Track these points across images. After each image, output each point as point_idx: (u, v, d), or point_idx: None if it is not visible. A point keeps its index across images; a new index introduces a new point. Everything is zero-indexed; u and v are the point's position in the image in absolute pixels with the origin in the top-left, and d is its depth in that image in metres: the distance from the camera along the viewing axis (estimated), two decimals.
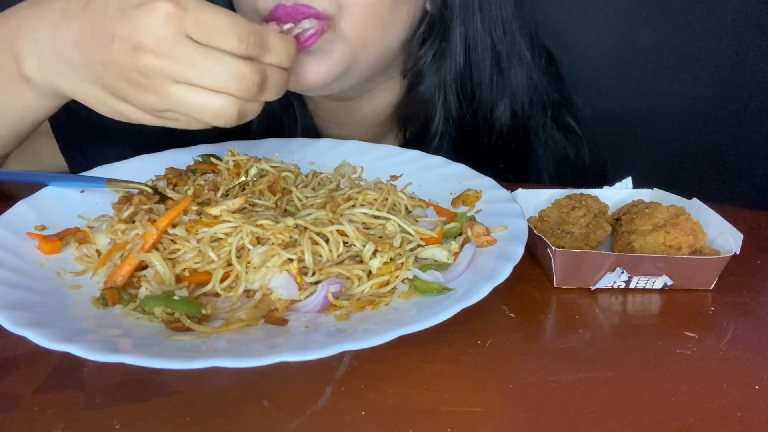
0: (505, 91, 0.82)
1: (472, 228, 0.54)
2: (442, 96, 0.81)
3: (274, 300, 0.48)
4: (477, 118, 0.82)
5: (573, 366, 0.46)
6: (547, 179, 0.87)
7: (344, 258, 0.53)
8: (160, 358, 0.38)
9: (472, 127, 0.82)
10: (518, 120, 0.83)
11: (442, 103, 0.81)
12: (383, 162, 0.71)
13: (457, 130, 0.82)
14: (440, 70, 0.80)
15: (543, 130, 0.86)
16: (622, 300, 0.54)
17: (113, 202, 0.62)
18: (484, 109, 0.82)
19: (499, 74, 0.81)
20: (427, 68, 0.80)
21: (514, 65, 0.82)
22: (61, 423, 0.40)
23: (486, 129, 0.82)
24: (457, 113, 0.82)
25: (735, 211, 0.58)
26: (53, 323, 0.43)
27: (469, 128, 0.82)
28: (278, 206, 0.59)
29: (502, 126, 0.82)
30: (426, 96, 0.81)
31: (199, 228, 0.53)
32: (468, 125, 0.82)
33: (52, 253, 0.54)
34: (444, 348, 0.47)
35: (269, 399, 0.42)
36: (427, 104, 0.81)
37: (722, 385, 0.44)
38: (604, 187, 0.65)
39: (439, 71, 0.80)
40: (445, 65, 0.79)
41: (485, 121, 0.82)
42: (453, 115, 0.82)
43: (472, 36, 0.79)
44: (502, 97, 0.82)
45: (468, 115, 0.82)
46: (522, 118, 0.83)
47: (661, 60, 1.22)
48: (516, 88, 0.82)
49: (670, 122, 1.25)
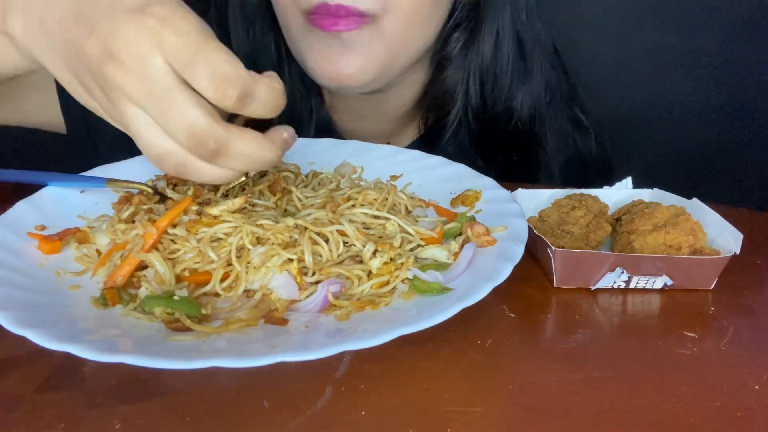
0: (525, 79, 0.82)
1: (472, 228, 0.54)
2: (464, 83, 0.81)
3: (274, 300, 0.48)
4: (496, 106, 0.82)
5: (573, 366, 0.46)
6: (557, 171, 0.87)
7: (344, 258, 0.53)
8: (160, 358, 0.38)
9: (490, 115, 0.82)
10: (534, 108, 0.83)
11: (464, 90, 0.81)
12: (383, 162, 0.71)
13: (475, 118, 0.82)
14: (467, 57, 0.80)
15: (556, 121, 0.86)
16: (622, 300, 0.54)
17: (113, 202, 0.61)
18: (504, 97, 0.82)
19: (522, 61, 0.81)
20: (455, 56, 0.80)
21: (536, 53, 0.82)
22: (61, 423, 0.40)
23: (504, 117, 0.83)
24: (478, 101, 0.82)
25: (735, 211, 0.58)
26: (53, 323, 0.43)
27: (487, 116, 0.82)
28: (278, 206, 0.59)
29: (520, 115, 0.83)
30: (450, 83, 0.81)
31: (199, 228, 0.53)
32: (486, 113, 0.82)
33: (52, 253, 0.54)
34: (444, 348, 0.47)
35: (269, 399, 0.42)
36: (449, 92, 0.82)
37: (722, 385, 0.44)
38: (604, 187, 0.65)
39: (467, 57, 0.80)
40: (473, 52, 0.79)
41: (504, 109, 0.82)
42: (473, 104, 0.82)
43: (501, 24, 0.79)
44: (522, 85, 0.82)
45: (488, 103, 0.82)
46: (538, 107, 0.84)
47: (661, 60, 1.22)
48: (536, 75, 0.82)
49: (670, 122, 1.24)
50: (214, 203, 0.56)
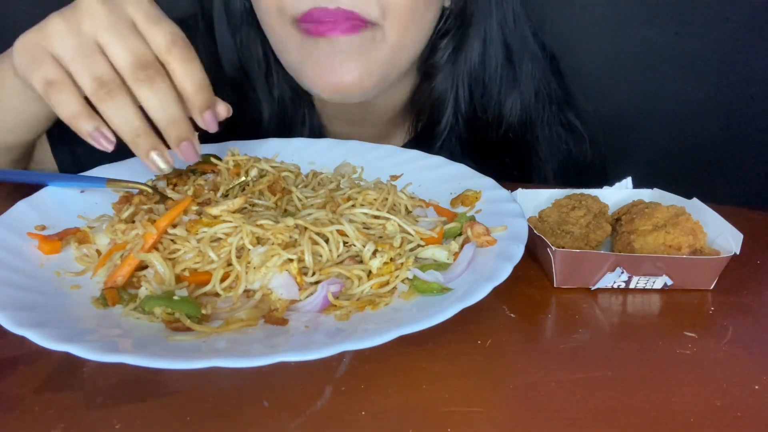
0: (514, 85, 0.82)
1: (472, 228, 0.54)
2: (454, 90, 0.81)
3: (274, 300, 0.48)
4: (486, 112, 0.82)
5: (573, 366, 0.46)
6: (551, 175, 0.87)
7: (344, 258, 0.53)
8: (160, 358, 0.38)
9: (480, 122, 0.82)
10: (525, 114, 0.83)
11: (453, 97, 0.81)
12: (383, 162, 0.71)
13: (465, 124, 0.82)
14: (455, 64, 0.80)
15: (548, 125, 0.86)
16: (622, 300, 0.54)
17: (113, 202, 0.62)
18: (493, 103, 0.82)
19: (510, 68, 0.81)
20: (443, 64, 0.80)
21: (525, 59, 0.82)
22: (61, 423, 0.40)
23: (494, 123, 0.82)
24: (467, 107, 0.82)
25: (735, 211, 0.58)
26: (53, 323, 0.43)
27: (478, 122, 0.82)
28: (278, 206, 0.59)
29: (510, 121, 0.82)
30: (439, 90, 0.81)
31: (199, 228, 0.53)
32: (477, 119, 0.82)
33: (52, 253, 0.54)
34: (444, 348, 0.47)
35: (269, 399, 0.42)
36: (439, 99, 0.81)
37: (722, 385, 0.44)
38: (604, 187, 0.65)
39: (455, 65, 0.80)
40: (461, 59, 0.79)
41: (494, 116, 0.82)
42: (463, 110, 0.82)
43: (488, 31, 0.79)
44: (511, 91, 0.82)
45: (478, 110, 0.81)
46: (529, 113, 0.83)
47: (661, 60, 1.22)
48: (525, 81, 0.82)
49: (670, 122, 1.25)
50: (214, 203, 0.56)
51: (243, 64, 0.82)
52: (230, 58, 0.82)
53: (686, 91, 1.22)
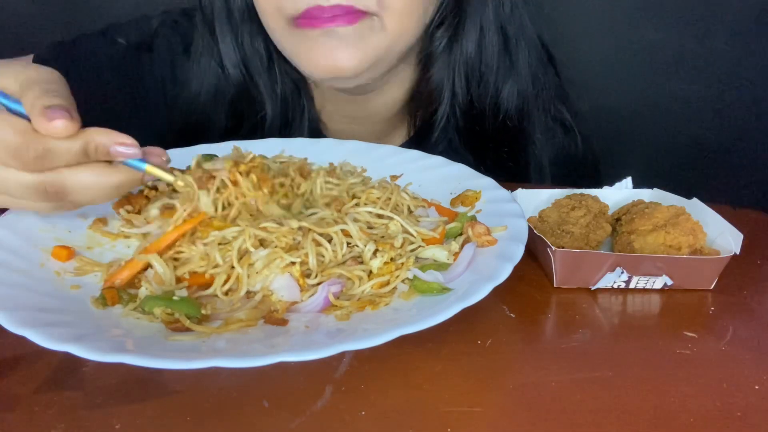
0: (511, 73, 0.82)
1: (473, 228, 0.54)
2: (450, 80, 0.81)
3: (274, 301, 0.48)
4: (483, 102, 0.82)
5: (573, 366, 0.46)
6: (547, 166, 0.87)
7: (347, 259, 0.52)
8: (160, 358, 0.38)
9: (477, 112, 0.82)
10: (522, 102, 0.83)
11: (450, 86, 0.81)
12: (383, 162, 0.70)
13: (463, 115, 0.82)
14: (452, 53, 0.80)
15: (544, 112, 0.86)
16: (622, 300, 0.54)
17: (113, 202, 0.61)
18: (490, 93, 0.82)
19: (507, 56, 0.81)
20: (439, 53, 0.80)
21: (521, 47, 0.82)
22: (61, 423, 0.40)
23: (491, 113, 0.82)
24: (464, 98, 0.82)
25: (735, 211, 0.58)
26: (53, 323, 0.42)
27: (475, 113, 0.82)
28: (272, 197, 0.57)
29: (507, 110, 0.82)
30: (436, 81, 0.81)
31: (209, 231, 0.52)
32: (474, 110, 0.82)
33: (69, 259, 0.53)
34: (444, 348, 0.47)
35: (269, 399, 0.42)
36: (436, 90, 0.81)
37: (722, 385, 0.44)
38: (604, 187, 0.65)
39: (451, 54, 0.80)
40: (457, 49, 0.79)
41: (491, 106, 0.82)
42: (460, 100, 0.82)
43: (484, 19, 0.79)
44: (508, 79, 0.82)
45: (474, 100, 0.81)
46: (526, 100, 0.83)
47: (661, 60, 1.22)
48: (521, 70, 0.82)
49: (670, 122, 1.25)
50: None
51: (245, 62, 0.82)
52: (232, 57, 0.82)
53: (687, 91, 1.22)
